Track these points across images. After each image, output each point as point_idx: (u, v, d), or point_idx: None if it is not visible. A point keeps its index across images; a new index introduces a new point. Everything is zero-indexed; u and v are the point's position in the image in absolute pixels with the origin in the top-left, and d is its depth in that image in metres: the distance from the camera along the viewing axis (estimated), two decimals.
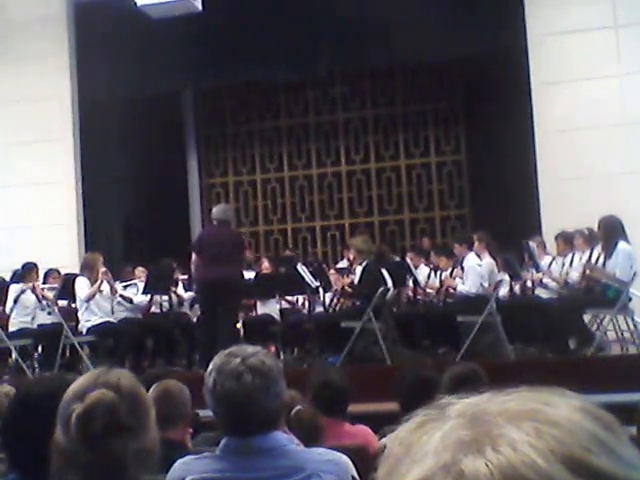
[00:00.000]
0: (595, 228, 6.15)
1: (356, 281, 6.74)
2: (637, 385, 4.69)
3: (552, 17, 8.15)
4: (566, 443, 0.46)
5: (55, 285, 7.26)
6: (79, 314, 6.82)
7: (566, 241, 6.89)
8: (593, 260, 6.12)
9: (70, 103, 9.23)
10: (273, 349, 7.34)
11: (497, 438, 0.46)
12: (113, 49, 8.83)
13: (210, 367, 1.71)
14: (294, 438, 2.07)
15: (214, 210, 6.64)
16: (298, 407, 2.77)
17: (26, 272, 7.16)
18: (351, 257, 7.47)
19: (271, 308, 7.52)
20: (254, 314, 7.64)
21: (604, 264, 5.91)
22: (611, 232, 5.82)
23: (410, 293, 7.60)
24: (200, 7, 7.40)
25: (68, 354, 7.00)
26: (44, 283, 7.38)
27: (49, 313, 7.04)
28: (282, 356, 7.28)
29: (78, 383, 1.20)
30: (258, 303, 7.60)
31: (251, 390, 1.65)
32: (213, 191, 11.41)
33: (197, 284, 6.72)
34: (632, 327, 6.04)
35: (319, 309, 7.41)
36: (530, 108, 8.22)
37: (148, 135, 9.72)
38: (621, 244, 5.78)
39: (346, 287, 7.03)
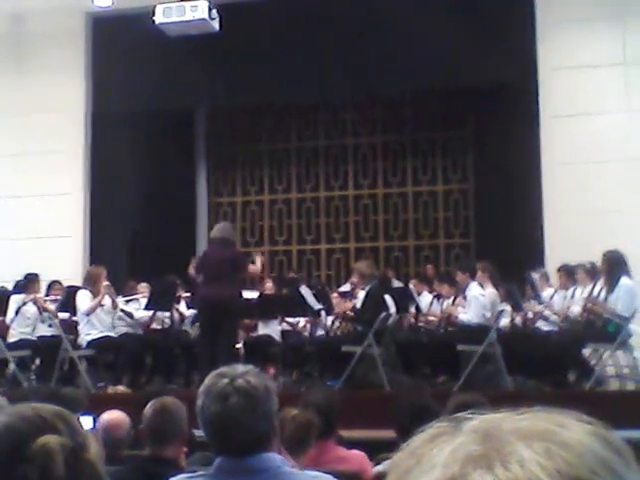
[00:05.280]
0: (598, 262, 6.15)
1: (358, 305, 6.74)
2: (634, 422, 4.67)
3: (563, 52, 8.24)
4: (574, 465, 0.46)
5: (57, 297, 7.26)
6: (79, 327, 6.82)
7: (568, 274, 6.89)
8: (595, 294, 6.11)
9: (83, 116, 9.34)
10: (273, 370, 7.33)
11: (507, 455, 0.46)
12: (129, 65, 8.94)
13: (201, 388, 1.71)
14: (289, 460, 2.07)
15: (214, 229, 6.68)
16: (295, 412, 2.79)
17: (28, 283, 7.16)
18: (354, 281, 7.48)
19: (272, 329, 7.52)
20: (255, 334, 7.64)
21: (606, 299, 5.91)
22: (614, 267, 5.83)
23: (412, 320, 7.59)
24: (217, 27, 7.51)
25: (67, 367, 6.97)
26: (46, 295, 7.38)
27: (50, 325, 7.03)
28: (281, 378, 7.26)
29: (5, 437, 1.05)
30: (260, 323, 7.60)
31: (236, 412, 1.64)
32: (220, 210, 11.46)
33: (196, 303, 6.74)
34: (631, 363, 6.01)
35: (320, 332, 7.40)
36: (538, 140, 8.27)
37: (159, 151, 9.81)
38: (624, 279, 5.78)
39: (348, 311, 7.04)
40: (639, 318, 5.88)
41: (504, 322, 6.86)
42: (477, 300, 6.46)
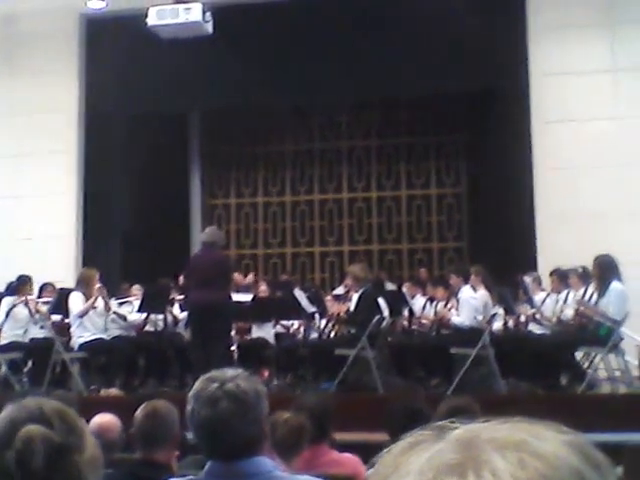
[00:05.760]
0: (590, 266, 6.17)
1: (352, 308, 6.74)
2: (625, 425, 4.68)
3: (554, 58, 8.30)
4: (547, 476, 0.46)
5: (49, 299, 7.23)
6: (72, 329, 6.78)
7: (561, 278, 6.92)
8: (587, 298, 6.14)
9: (76, 117, 9.32)
10: (267, 374, 7.32)
11: (481, 465, 0.47)
12: (122, 66, 8.93)
13: (191, 392, 1.71)
14: (280, 463, 2.07)
15: (203, 233, 6.68)
16: (288, 415, 2.79)
17: (20, 285, 7.12)
18: (348, 284, 7.48)
19: (266, 332, 7.52)
20: (249, 337, 7.63)
21: (597, 302, 5.93)
22: (605, 271, 5.85)
23: (405, 323, 7.60)
24: (210, 30, 7.50)
25: (59, 370, 6.94)
26: (39, 297, 7.34)
27: (42, 327, 7.00)
28: (275, 381, 7.26)
29: None
30: (253, 326, 7.60)
31: (226, 416, 1.64)
32: (215, 212, 11.45)
33: (187, 307, 6.74)
34: (623, 366, 6.04)
35: (314, 335, 7.40)
36: (530, 145, 8.32)
37: (153, 153, 9.79)
38: (614, 283, 5.80)
39: (342, 314, 7.04)
40: (630, 322, 5.90)
41: (497, 325, 6.88)
42: (469, 303, 6.48)
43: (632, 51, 8.09)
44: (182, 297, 7.49)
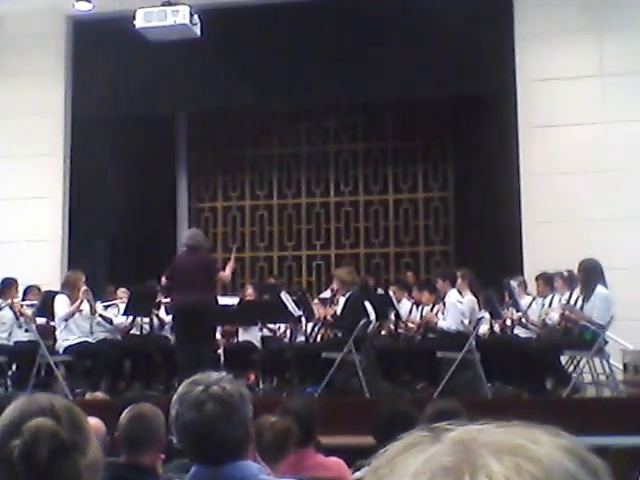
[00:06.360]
0: (575, 271, 6.22)
1: (339, 312, 6.74)
2: (610, 428, 4.72)
3: (541, 63, 8.36)
4: None
5: (34, 302, 7.18)
6: (57, 333, 6.74)
7: (546, 282, 6.96)
8: (572, 302, 6.17)
9: (63, 119, 9.26)
10: (253, 377, 7.31)
11: (478, 468, 0.47)
12: (110, 69, 8.89)
13: (174, 396, 1.70)
14: (265, 467, 2.07)
15: (184, 236, 6.66)
16: (274, 419, 2.78)
17: (5, 288, 7.07)
18: (335, 287, 7.48)
19: (253, 335, 7.51)
20: (235, 341, 7.62)
21: (582, 307, 5.97)
22: (590, 275, 5.89)
23: (391, 326, 7.61)
24: (198, 32, 7.49)
25: (43, 373, 6.89)
26: (23, 299, 7.30)
27: (26, 330, 6.94)
28: (262, 384, 7.24)
29: (8, 416, 1.11)
30: (240, 330, 7.58)
31: (212, 419, 1.63)
32: (201, 215, 11.43)
33: (172, 310, 6.71)
34: (607, 370, 6.08)
35: (300, 338, 7.40)
36: (517, 150, 8.37)
37: (139, 156, 9.76)
38: (599, 288, 5.84)
39: (328, 317, 7.04)
40: (615, 326, 5.95)
41: (483, 329, 6.91)
42: (455, 307, 6.51)
43: (619, 56, 8.16)
44: (168, 300, 7.47)
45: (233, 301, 7.50)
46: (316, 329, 7.37)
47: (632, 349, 6.70)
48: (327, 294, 8.45)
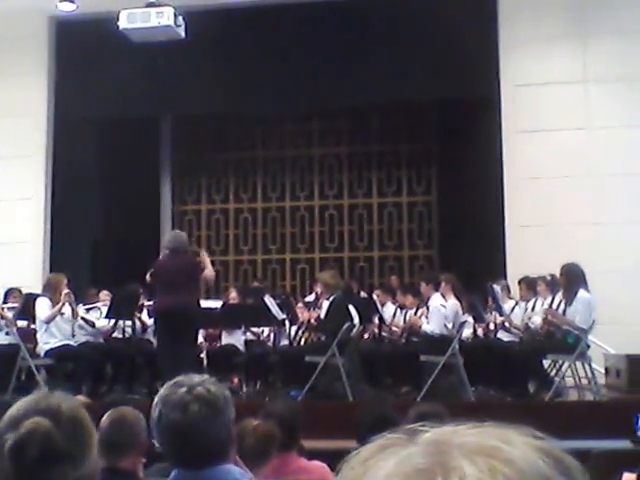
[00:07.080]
0: (558, 275, 6.25)
1: (322, 315, 6.73)
2: (592, 432, 4.74)
3: (525, 69, 8.42)
4: None
5: (15, 305, 7.11)
6: (38, 336, 6.67)
7: (529, 286, 7.00)
8: (554, 306, 6.21)
9: (45, 120, 9.19)
10: (236, 380, 7.28)
11: (450, 470, 0.46)
12: (93, 70, 8.84)
13: (156, 399, 1.68)
14: (247, 472, 2.05)
15: (166, 239, 6.60)
16: (256, 423, 2.76)
17: None
18: (319, 291, 7.47)
19: (236, 339, 7.48)
20: (219, 344, 7.58)
21: (564, 311, 6.01)
22: (572, 280, 5.93)
23: (375, 330, 7.62)
24: (183, 34, 7.46)
25: (24, 377, 6.81)
26: (4, 302, 7.22)
27: (7, 333, 6.86)
28: (245, 388, 7.21)
29: (15, 409, 1.13)
30: (223, 333, 7.55)
31: (198, 420, 1.61)
32: (185, 218, 11.37)
33: (153, 313, 6.65)
34: (589, 374, 6.12)
35: (284, 342, 7.38)
36: (501, 155, 8.42)
37: (123, 158, 9.69)
38: (581, 292, 5.88)
39: (312, 321, 7.02)
40: (597, 330, 5.99)
41: (466, 333, 6.93)
42: (438, 311, 6.52)
43: (602, 62, 8.24)
44: (151, 303, 7.41)
45: (216, 304, 7.46)
46: (300, 333, 7.35)
47: (614, 353, 6.75)
48: (311, 298, 8.44)
